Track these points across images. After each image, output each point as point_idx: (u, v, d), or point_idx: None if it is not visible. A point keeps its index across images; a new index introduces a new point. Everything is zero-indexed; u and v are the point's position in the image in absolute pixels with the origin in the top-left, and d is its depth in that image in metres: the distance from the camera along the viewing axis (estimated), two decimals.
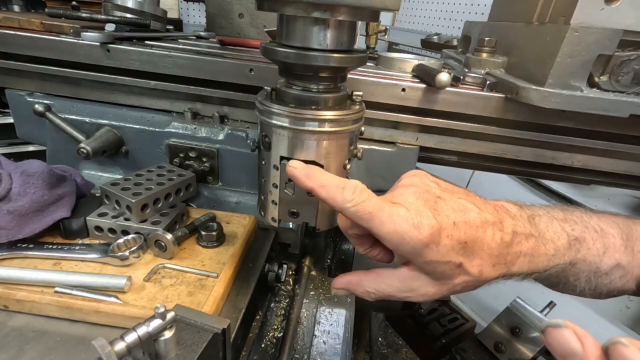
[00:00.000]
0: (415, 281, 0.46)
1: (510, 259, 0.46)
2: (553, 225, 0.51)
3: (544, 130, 0.75)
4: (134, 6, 0.98)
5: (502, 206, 0.49)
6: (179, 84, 0.79)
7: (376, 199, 0.44)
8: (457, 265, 0.44)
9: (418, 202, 0.44)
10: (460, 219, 0.44)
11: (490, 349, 1.28)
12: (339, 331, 0.66)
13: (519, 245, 0.46)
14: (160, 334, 0.37)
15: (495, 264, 0.46)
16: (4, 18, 0.82)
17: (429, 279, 0.46)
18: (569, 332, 0.33)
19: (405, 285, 0.47)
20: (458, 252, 0.43)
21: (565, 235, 0.50)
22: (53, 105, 0.83)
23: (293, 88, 0.53)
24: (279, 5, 0.45)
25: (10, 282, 0.53)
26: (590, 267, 0.51)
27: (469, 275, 0.45)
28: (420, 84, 0.72)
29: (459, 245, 0.43)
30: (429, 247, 0.42)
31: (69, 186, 0.65)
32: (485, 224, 0.45)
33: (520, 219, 0.49)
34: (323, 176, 0.45)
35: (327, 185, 0.44)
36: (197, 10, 3.57)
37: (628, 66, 0.62)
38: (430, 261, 0.43)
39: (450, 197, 0.46)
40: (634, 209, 1.91)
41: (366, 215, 0.42)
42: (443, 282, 0.46)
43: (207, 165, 0.82)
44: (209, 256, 0.63)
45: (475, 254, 0.44)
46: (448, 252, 0.43)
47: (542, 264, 0.48)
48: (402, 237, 0.42)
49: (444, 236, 0.43)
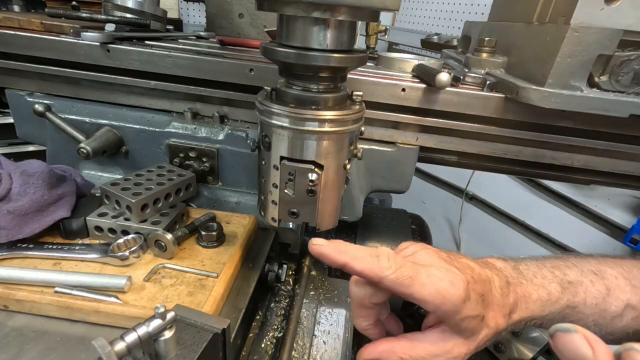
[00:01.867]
0: (448, 342, 0.46)
1: (511, 307, 0.48)
2: (541, 272, 0.52)
3: (544, 130, 0.75)
4: (134, 6, 0.98)
5: (488, 262, 0.51)
6: (179, 84, 0.79)
7: (410, 264, 0.44)
8: (482, 318, 0.45)
9: (442, 262, 0.45)
10: (473, 274, 0.45)
11: (490, 349, 1.28)
12: (339, 331, 0.66)
13: (514, 294, 0.48)
14: (160, 334, 0.37)
15: (504, 315, 0.47)
16: (4, 18, 0.82)
17: (460, 338, 0.46)
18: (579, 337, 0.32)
19: (439, 348, 0.46)
20: (481, 305, 0.44)
21: (557, 280, 0.51)
22: (53, 105, 0.83)
23: (293, 88, 0.53)
24: (279, 5, 0.45)
25: (10, 282, 0.53)
26: (594, 310, 0.51)
27: (489, 327, 0.46)
28: (420, 84, 0.72)
29: (480, 298, 0.44)
30: (465, 302, 0.42)
31: (69, 186, 0.65)
32: (488, 278, 0.47)
33: (507, 269, 0.51)
34: (352, 248, 0.45)
35: (360, 257, 0.44)
36: (197, 10, 3.57)
37: (628, 66, 0.62)
38: (466, 317, 0.43)
39: (455, 257, 0.48)
40: (634, 209, 1.91)
41: (407, 280, 0.42)
42: (471, 339, 0.46)
43: (207, 165, 0.82)
44: (209, 256, 0.63)
45: (489, 307, 0.46)
46: (476, 305, 0.44)
47: (538, 310, 0.49)
48: (444, 296, 0.42)
49: (471, 290, 0.43)
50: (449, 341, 0.46)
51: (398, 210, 1.02)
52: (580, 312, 0.51)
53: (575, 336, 0.32)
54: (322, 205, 0.55)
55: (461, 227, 2.68)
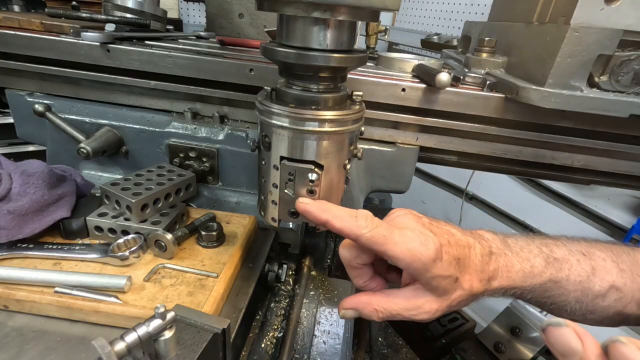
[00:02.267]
0: (420, 299, 0.50)
1: (491, 274, 0.51)
2: (529, 246, 0.54)
3: (544, 130, 0.75)
4: (134, 6, 0.98)
5: (477, 232, 0.54)
6: (179, 84, 0.79)
7: (386, 225, 0.47)
8: (455, 279, 0.48)
9: (418, 226, 0.49)
10: (451, 238, 0.49)
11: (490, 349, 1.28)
12: (339, 331, 0.66)
13: (495, 262, 0.51)
14: (160, 334, 0.37)
15: (480, 279, 0.50)
16: (4, 18, 0.82)
17: (431, 296, 0.49)
18: (569, 330, 0.34)
19: (411, 303, 0.50)
20: (455, 267, 0.48)
21: (543, 256, 0.53)
22: (53, 105, 0.83)
23: (293, 88, 0.53)
24: (279, 5, 0.45)
25: (10, 282, 0.53)
26: (578, 286, 0.53)
27: (463, 289, 0.49)
28: (420, 84, 0.72)
29: (455, 260, 0.48)
30: (435, 262, 0.46)
31: (69, 186, 0.65)
32: (468, 244, 0.50)
33: (494, 241, 0.53)
34: (334, 208, 0.49)
35: (340, 215, 0.48)
36: (197, 10, 3.57)
37: (628, 66, 0.62)
38: (435, 275, 0.47)
39: (437, 224, 0.51)
40: (634, 209, 1.91)
41: (381, 239, 0.46)
42: (444, 298, 0.49)
43: (207, 165, 0.82)
44: (209, 256, 0.63)
45: (465, 270, 0.49)
46: (448, 266, 0.47)
47: (519, 279, 0.51)
48: (414, 254, 0.45)
49: (444, 252, 0.47)
50: (421, 298, 0.50)
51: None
52: (563, 287, 0.53)
53: (566, 330, 0.34)
54: None
55: (461, 227, 2.68)
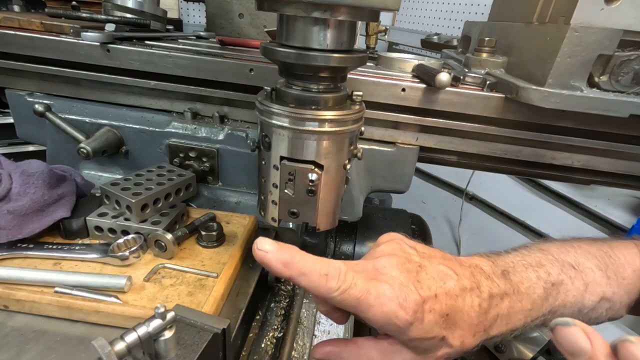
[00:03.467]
0: (397, 356, 0.45)
1: (489, 324, 0.46)
2: (528, 274, 0.50)
3: (544, 130, 0.75)
4: (134, 6, 0.98)
5: (476, 266, 0.49)
6: (179, 84, 0.79)
7: (361, 281, 0.42)
8: (440, 339, 0.44)
9: (401, 276, 0.43)
10: (440, 289, 0.44)
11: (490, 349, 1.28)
12: (339, 331, 0.66)
13: (496, 309, 0.46)
14: (160, 334, 0.37)
15: (475, 333, 0.45)
16: (4, 18, 0.82)
17: (410, 354, 0.45)
18: (577, 330, 0.34)
19: (386, 358, 0.46)
20: (441, 326, 0.43)
21: (542, 283, 0.50)
22: (53, 105, 0.83)
23: (293, 88, 0.53)
24: (279, 5, 0.45)
25: (10, 282, 0.53)
26: (573, 308, 0.51)
27: (451, 347, 0.45)
28: (420, 84, 0.72)
29: (442, 318, 0.43)
30: (414, 325, 0.41)
31: (69, 186, 0.65)
32: (463, 292, 0.45)
33: (494, 277, 0.48)
34: (302, 261, 0.42)
35: (308, 273, 0.41)
36: (197, 10, 3.57)
37: (628, 66, 0.62)
38: (414, 338, 0.43)
39: (429, 264, 0.46)
40: (634, 209, 1.91)
41: (354, 302, 0.41)
42: (425, 357, 0.45)
43: (207, 165, 0.82)
44: (209, 256, 0.63)
45: (457, 326, 0.44)
46: (432, 327, 0.42)
47: (519, 322, 0.48)
48: (389, 318, 0.41)
49: (427, 311, 0.42)
50: (398, 355, 0.45)
51: (398, 210, 1.02)
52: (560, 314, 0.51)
53: (574, 329, 0.34)
54: (322, 205, 0.55)
55: (461, 227, 2.68)
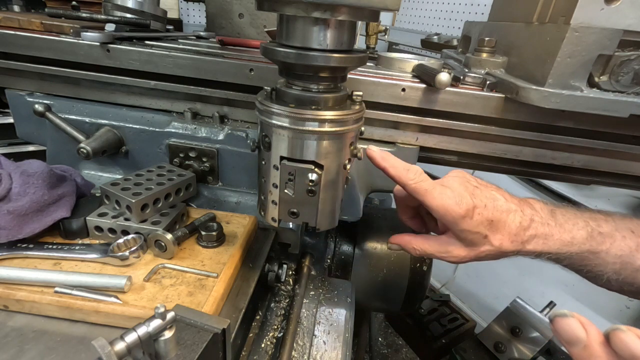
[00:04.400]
0: (451, 245, 0.60)
1: (526, 239, 0.57)
2: (576, 219, 0.60)
3: (544, 130, 0.75)
4: (134, 6, 0.98)
5: (526, 200, 0.61)
6: (179, 84, 0.79)
7: (431, 181, 0.57)
8: (484, 236, 0.57)
9: (460, 187, 0.57)
10: (490, 204, 0.57)
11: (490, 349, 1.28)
12: (339, 331, 0.66)
13: (534, 230, 0.58)
14: (160, 334, 0.37)
15: (513, 241, 0.57)
16: (4, 18, 0.82)
17: (461, 244, 0.59)
18: (574, 320, 0.38)
19: (443, 247, 0.60)
20: (485, 227, 0.56)
21: (589, 229, 0.59)
22: (53, 105, 0.83)
23: (293, 88, 0.53)
24: (279, 5, 0.45)
25: (10, 282, 0.53)
26: (618, 259, 0.58)
27: (492, 245, 0.57)
28: (420, 84, 0.72)
29: (487, 221, 0.56)
30: (464, 219, 0.55)
31: (69, 186, 0.65)
32: (508, 210, 0.57)
33: (541, 211, 0.60)
34: (393, 159, 0.59)
35: (396, 166, 0.58)
36: (197, 10, 3.57)
37: (628, 66, 0.62)
38: (463, 230, 0.56)
39: (484, 189, 0.59)
40: (634, 209, 1.91)
41: (422, 191, 0.56)
42: (472, 248, 0.58)
43: (207, 165, 0.82)
44: (209, 256, 0.63)
45: (498, 231, 0.57)
46: (478, 225, 0.56)
47: (555, 248, 0.58)
48: (447, 209, 0.55)
49: (476, 213, 0.56)
50: (452, 244, 0.60)
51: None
52: (601, 258, 0.59)
53: (571, 320, 0.38)
54: (322, 205, 0.55)
55: None
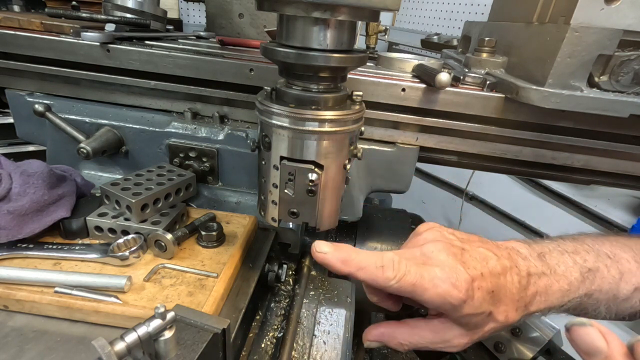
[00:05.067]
0: (449, 333, 0.49)
1: (529, 300, 0.49)
2: (564, 259, 0.53)
3: (544, 130, 0.75)
4: (134, 6, 0.98)
5: (513, 248, 0.52)
6: (179, 84, 0.79)
7: (414, 268, 0.45)
8: (488, 314, 0.47)
9: (449, 259, 0.46)
10: (485, 269, 0.46)
11: (490, 349, 1.28)
12: (339, 331, 0.66)
13: (534, 286, 0.49)
14: (160, 334, 0.37)
15: (517, 308, 0.48)
16: (4, 18, 0.82)
17: (461, 330, 0.48)
18: (594, 330, 0.35)
19: (439, 337, 0.49)
20: (488, 302, 0.46)
21: (578, 268, 0.52)
22: (53, 105, 0.83)
23: (293, 88, 0.53)
24: (279, 5, 0.45)
25: (10, 282, 0.53)
26: (608, 295, 0.53)
27: (497, 322, 0.48)
28: (420, 84, 0.72)
29: (488, 295, 0.46)
30: (467, 302, 0.45)
31: (69, 186, 0.65)
32: (504, 270, 0.47)
33: (531, 258, 0.51)
34: (358, 257, 0.47)
35: (365, 267, 0.46)
36: (197, 10, 3.57)
37: (628, 66, 0.62)
38: (466, 315, 0.46)
39: (470, 247, 0.49)
40: (634, 209, 1.91)
41: (409, 288, 0.45)
42: (475, 331, 0.48)
43: (207, 165, 0.82)
44: (209, 256, 0.63)
45: (501, 301, 0.47)
46: (481, 303, 0.46)
47: (557, 300, 0.50)
48: (444, 298, 0.44)
49: (476, 289, 0.45)
50: (450, 331, 0.48)
51: (398, 210, 1.01)
52: (595, 298, 0.53)
53: (591, 329, 0.35)
54: (322, 205, 0.55)
55: (461, 227, 2.68)
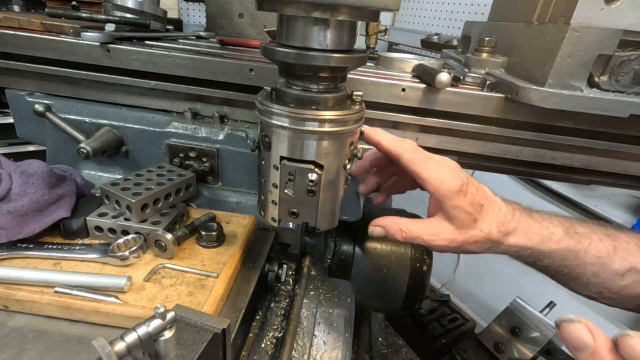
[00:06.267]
0: (440, 226, 0.57)
1: (509, 230, 0.57)
2: (551, 218, 0.60)
3: (544, 130, 0.75)
4: (134, 6, 0.98)
5: (510, 201, 0.61)
6: (179, 84, 0.79)
7: (427, 153, 0.57)
8: (474, 219, 0.55)
9: (455, 168, 0.56)
10: (481, 190, 0.57)
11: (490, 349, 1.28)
12: (339, 331, 0.66)
13: (516, 222, 0.57)
14: (160, 334, 0.37)
15: (499, 230, 0.56)
16: (4, 18, 0.82)
17: (450, 226, 0.56)
18: (581, 326, 0.37)
19: (431, 229, 0.57)
20: (476, 210, 0.55)
21: (564, 227, 0.59)
22: (53, 105, 0.83)
23: (293, 88, 0.53)
24: (279, 5, 0.45)
25: (10, 282, 0.53)
26: (597, 261, 0.57)
27: (481, 231, 0.56)
28: (420, 84, 0.72)
29: (478, 205, 0.55)
30: (459, 194, 0.54)
31: (69, 186, 0.65)
32: (495, 201, 0.58)
33: (520, 208, 0.60)
34: (385, 133, 0.59)
35: (390, 139, 0.58)
36: (197, 10, 3.57)
37: (628, 66, 0.62)
38: (456, 206, 0.54)
39: (472, 181, 0.58)
40: (634, 209, 1.91)
41: (418, 162, 0.55)
42: (461, 231, 0.56)
43: (207, 165, 0.82)
44: (209, 256, 0.63)
45: (486, 217, 0.56)
46: (471, 204, 0.55)
47: (537, 241, 0.57)
48: (442, 181, 0.54)
49: (469, 192, 0.55)
50: (441, 226, 0.57)
51: (398, 210, 1.01)
52: (581, 258, 0.57)
53: (578, 325, 0.37)
54: (323, 205, 0.55)
55: None
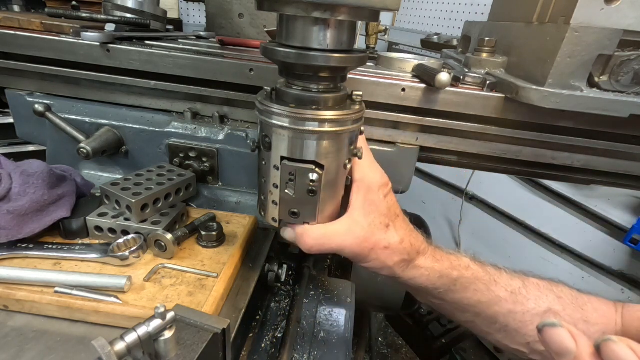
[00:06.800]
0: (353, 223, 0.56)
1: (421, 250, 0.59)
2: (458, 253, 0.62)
3: (544, 130, 0.75)
4: (134, 6, 0.98)
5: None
6: (179, 84, 0.79)
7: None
8: (387, 224, 0.57)
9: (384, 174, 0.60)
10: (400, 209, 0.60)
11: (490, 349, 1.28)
12: (339, 331, 0.66)
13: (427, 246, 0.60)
14: (160, 334, 0.37)
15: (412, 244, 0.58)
16: (4, 18, 0.82)
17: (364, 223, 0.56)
18: (563, 331, 0.36)
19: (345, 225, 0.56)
20: (391, 217, 0.58)
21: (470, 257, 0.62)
22: (53, 105, 0.83)
23: (293, 88, 0.53)
24: (279, 5, 0.45)
25: (10, 282, 0.53)
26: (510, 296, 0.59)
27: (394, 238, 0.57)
28: (420, 84, 0.72)
29: (394, 213, 0.58)
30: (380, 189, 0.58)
31: (69, 186, 0.65)
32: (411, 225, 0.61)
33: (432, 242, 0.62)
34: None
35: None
36: (197, 10, 3.57)
37: (628, 66, 0.62)
38: (374, 201, 0.57)
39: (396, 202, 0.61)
40: (634, 209, 1.91)
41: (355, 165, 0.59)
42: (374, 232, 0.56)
43: (207, 165, 0.82)
44: (209, 256, 0.63)
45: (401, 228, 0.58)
46: (388, 208, 0.57)
47: (445, 265, 0.59)
48: (371, 177, 0.59)
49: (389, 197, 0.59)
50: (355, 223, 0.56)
51: None
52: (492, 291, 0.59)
53: (560, 330, 0.36)
54: (323, 205, 0.55)
55: (461, 227, 2.68)
